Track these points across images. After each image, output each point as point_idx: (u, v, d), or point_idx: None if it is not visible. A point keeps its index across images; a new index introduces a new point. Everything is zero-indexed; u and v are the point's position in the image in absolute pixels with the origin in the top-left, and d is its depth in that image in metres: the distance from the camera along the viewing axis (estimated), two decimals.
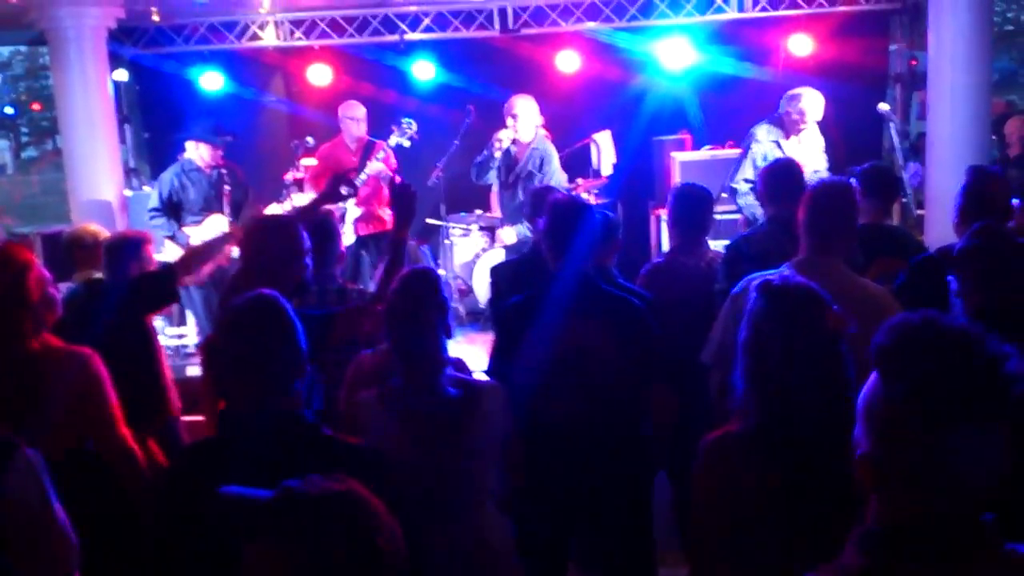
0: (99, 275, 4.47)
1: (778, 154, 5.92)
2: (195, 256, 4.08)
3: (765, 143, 5.99)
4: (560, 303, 3.29)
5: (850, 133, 6.50)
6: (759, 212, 5.09)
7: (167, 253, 6.46)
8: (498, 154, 6.52)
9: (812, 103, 5.95)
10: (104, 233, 4.69)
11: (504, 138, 6.51)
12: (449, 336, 2.82)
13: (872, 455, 1.42)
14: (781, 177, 4.19)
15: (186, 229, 6.37)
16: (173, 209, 6.57)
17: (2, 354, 2.97)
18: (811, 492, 2.18)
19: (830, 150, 6.24)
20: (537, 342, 3.24)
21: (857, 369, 2.17)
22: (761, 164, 5.53)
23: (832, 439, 2.18)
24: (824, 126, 6.18)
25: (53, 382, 2.99)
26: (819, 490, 2.18)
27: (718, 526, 2.27)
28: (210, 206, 6.52)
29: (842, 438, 2.17)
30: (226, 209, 6.56)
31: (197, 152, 6.62)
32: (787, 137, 6.01)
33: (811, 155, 6.10)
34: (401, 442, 2.69)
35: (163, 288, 3.86)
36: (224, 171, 6.64)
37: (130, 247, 4.08)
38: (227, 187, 6.56)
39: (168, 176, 6.66)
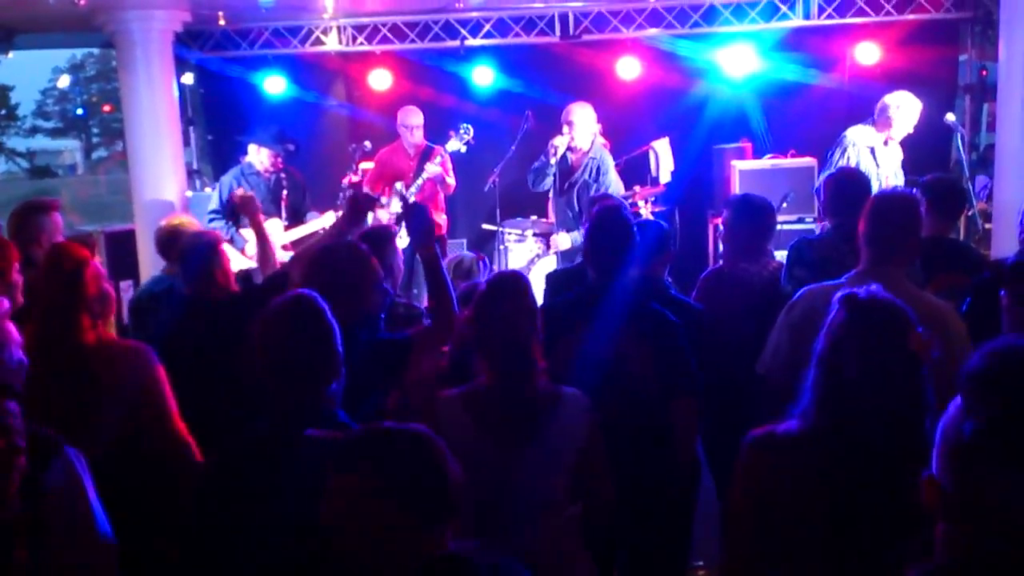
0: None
1: (870, 161, 5.82)
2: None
3: (861, 147, 5.88)
4: (594, 313, 3.27)
5: (916, 144, 6.33)
6: None
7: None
8: (554, 161, 6.49)
9: (908, 109, 5.83)
10: (196, 226, 4.76)
11: (559, 145, 6.48)
12: (538, 339, 2.83)
13: (943, 482, 1.34)
14: (846, 187, 4.11)
15: (243, 232, 6.44)
16: (232, 212, 6.64)
17: (60, 349, 3.02)
18: (859, 504, 2.12)
19: None
20: (572, 349, 3.21)
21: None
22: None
23: (897, 460, 2.11)
24: None
25: (109, 377, 3.04)
26: (868, 504, 2.11)
27: (755, 524, 2.22)
28: (267, 210, 6.58)
29: (909, 463, 2.11)
30: (283, 213, 6.63)
31: (258, 156, 6.70)
32: (885, 143, 5.92)
33: (893, 168, 5.99)
34: (481, 443, 2.69)
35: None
36: (283, 175, 6.70)
37: (204, 250, 4.01)
38: (285, 191, 6.62)
39: (228, 179, 6.75)
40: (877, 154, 5.87)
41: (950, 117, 6.47)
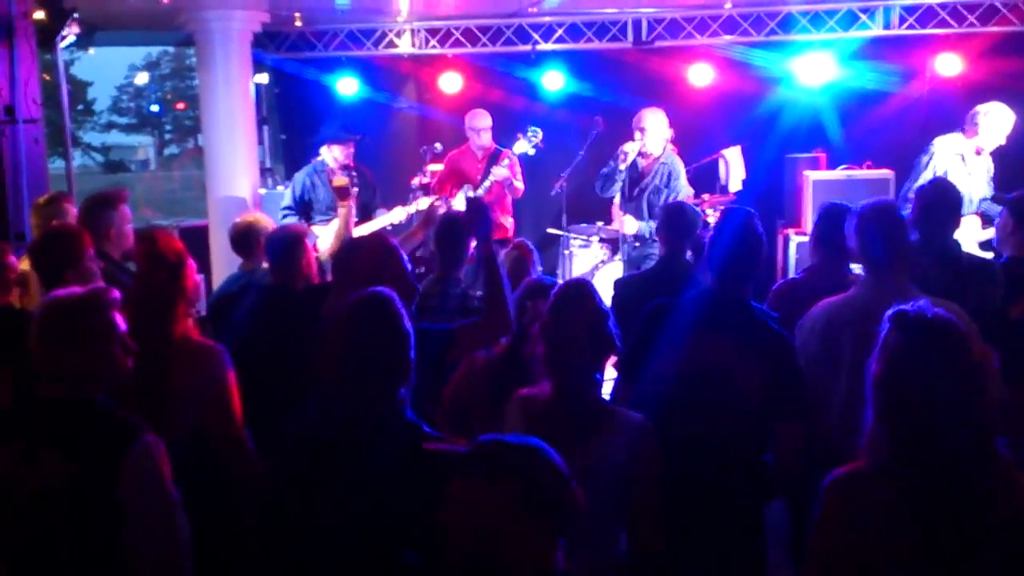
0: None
1: (960, 167, 5.70)
2: None
3: (949, 154, 5.77)
4: (706, 317, 3.22)
5: (1000, 159, 6.16)
6: None
7: None
8: (623, 167, 6.44)
9: (997, 118, 5.70)
10: (270, 223, 4.87)
11: (630, 151, 6.43)
12: (612, 346, 2.81)
13: None
14: (931, 199, 4.02)
15: (314, 228, 6.52)
16: (304, 208, 6.74)
17: (151, 337, 2.98)
18: (949, 534, 2.05)
19: None
20: (674, 350, 3.17)
21: None
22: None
23: (975, 479, 2.04)
24: None
25: (183, 373, 3.06)
26: (958, 531, 2.04)
27: (842, 572, 2.14)
28: (337, 207, 6.66)
29: (987, 478, 2.04)
30: (353, 210, 6.68)
31: (330, 154, 6.78)
32: (977, 153, 5.80)
33: (983, 177, 5.84)
34: None
35: None
36: (354, 173, 6.77)
37: (292, 242, 4.11)
38: (356, 188, 6.69)
39: (301, 176, 6.85)
40: (967, 161, 5.73)
41: None
